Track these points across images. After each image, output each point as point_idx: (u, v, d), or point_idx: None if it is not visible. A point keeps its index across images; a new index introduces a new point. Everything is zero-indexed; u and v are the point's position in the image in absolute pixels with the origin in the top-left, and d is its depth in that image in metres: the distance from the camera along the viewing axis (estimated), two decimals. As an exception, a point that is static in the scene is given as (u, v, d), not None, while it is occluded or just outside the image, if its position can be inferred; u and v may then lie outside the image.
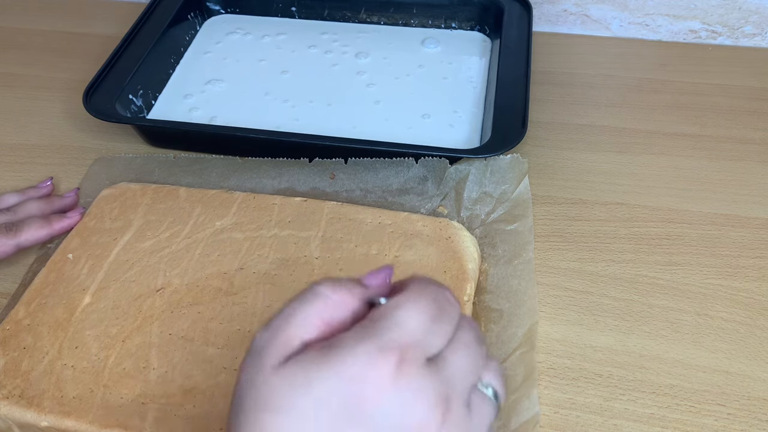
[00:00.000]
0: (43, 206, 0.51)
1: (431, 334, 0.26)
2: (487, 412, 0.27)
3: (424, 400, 0.24)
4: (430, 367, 0.25)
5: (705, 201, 0.53)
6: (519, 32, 0.63)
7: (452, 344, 0.27)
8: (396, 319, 0.25)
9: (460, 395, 0.26)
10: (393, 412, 0.24)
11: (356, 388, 0.24)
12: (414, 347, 0.25)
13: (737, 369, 0.43)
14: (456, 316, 0.27)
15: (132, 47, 0.62)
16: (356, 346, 0.24)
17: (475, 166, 0.51)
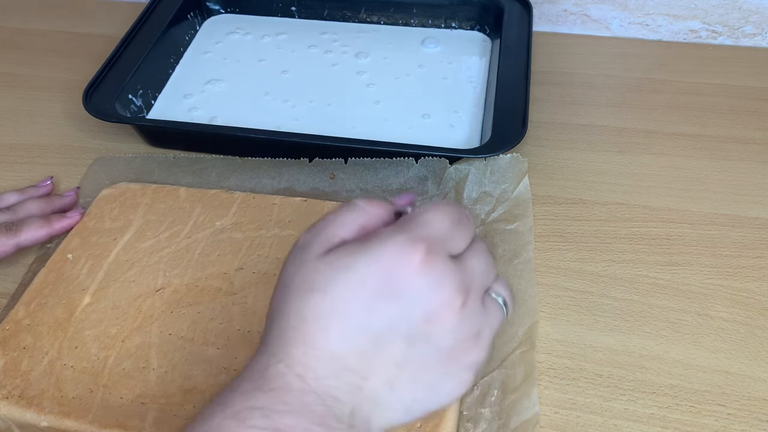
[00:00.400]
0: (43, 205, 0.51)
1: (453, 235, 0.30)
2: (497, 312, 0.32)
3: (447, 285, 0.28)
4: (453, 261, 0.29)
5: (705, 201, 0.53)
6: (519, 32, 0.63)
7: (469, 250, 0.31)
8: (423, 219, 0.30)
9: (477, 290, 0.30)
10: (421, 291, 0.28)
11: (391, 270, 0.28)
12: (439, 242, 0.29)
13: (737, 369, 0.43)
14: (473, 229, 0.32)
15: (132, 47, 0.62)
16: (391, 237, 0.29)
17: (475, 165, 0.51)
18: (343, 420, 0.28)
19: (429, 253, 0.28)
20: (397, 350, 0.29)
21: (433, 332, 0.29)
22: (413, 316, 0.28)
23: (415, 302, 0.28)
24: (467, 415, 0.40)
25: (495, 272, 0.33)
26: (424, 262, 0.28)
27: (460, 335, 0.29)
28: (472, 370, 0.31)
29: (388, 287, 0.28)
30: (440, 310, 0.28)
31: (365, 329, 0.28)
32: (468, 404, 0.41)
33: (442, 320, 0.29)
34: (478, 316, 0.30)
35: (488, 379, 0.41)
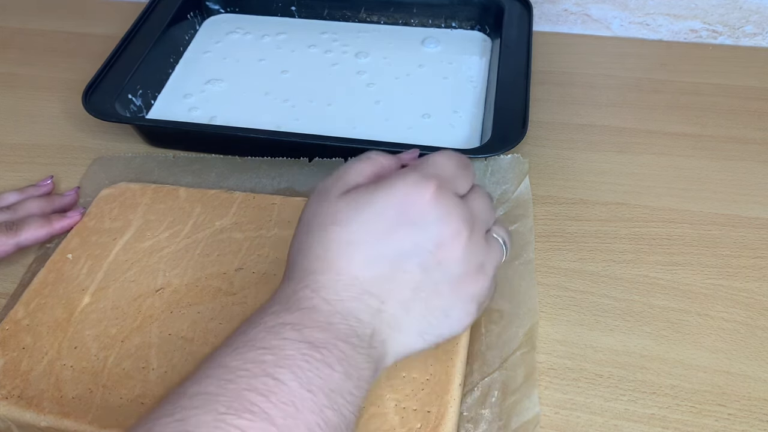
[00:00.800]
0: (43, 205, 0.51)
1: (458, 177, 0.34)
2: (497, 250, 0.35)
3: (455, 218, 0.32)
4: (460, 198, 0.33)
5: (705, 201, 0.53)
6: (519, 32, 0.63)
7: (472, 192, 0.35)
8: (433, 161, 0.34)
9: (480, 226, 0.34)
10: (433, 221, 0.31)
11: (405, 203, 0.31)
12: (447, 180, 0.33)
13: (738, 369, 0.43)
14: (473, 175, 0.36)
15: (131, 47, 0.62)
16: (405, 175, 0.32)
17: (475, 166, 0.51)
18: (364, 339, 0.31)
19: (439, 189, 0.32)
20: (412, 275, 0.32)
21: (443, 259, 0.32)
22: (426, 244, 0.32)
23: (427, 231, 0.31)
24: (467, 415, 0.40)
25: (494, 215, 0.36)
26: (435, 196, 0.31)
27: (467, 265, 0.33)
28: (477, 301, 0.34)
29: (404, 218, 0.31)
30: (449, 240, 0.32)
31: (384, 256, 0.31)
32: (468, 405, 0.41)
33: (452, 249, 0.32)
34: (482, 248, 0.34)
35: (489, 380, 0.41)
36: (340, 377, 0.29)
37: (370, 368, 0.31)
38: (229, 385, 0.27)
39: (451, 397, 0.39)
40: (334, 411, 0.28)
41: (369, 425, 0.38)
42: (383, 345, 0.32)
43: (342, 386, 0.29)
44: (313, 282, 0.31)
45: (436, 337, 0.34)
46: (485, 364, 0.42)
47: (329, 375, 0.29)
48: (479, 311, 0.35)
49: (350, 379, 0.29)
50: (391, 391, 0.39)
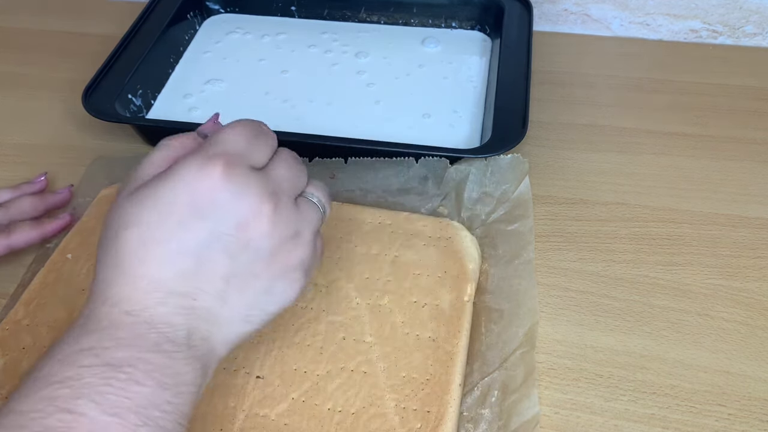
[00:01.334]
0: (36, 203, 0.51)
1: (251, 149, 0.32)
2: (313, 211, 0.34)
3: (253, 193, 0.30)
4: (257, 171, 0.31)
5: (705, 201, 0.53)
6: (519, 32, 0.63)
7: (273, 160, 0.33)
8: (219, 138, 0.32)
9: (286, 194, 0.32)
10: (227, 203, 0.30)
11: (193, 190, 0.30)
12: (237, 155, 0.31)
13: (738, 369, 0.43)
14: (273, 142, 0.35)
15: (131, 47, 0.62)
16: (188, 160, 0.30)
17: (476, 166, 0.51)
18: (179, 342, 0.29)
19: (227, 167, 0.30)
20: (220, 264, 0.30)
21: (249, 240, 0.30)
22: (226, 229, 0.30)
23: (223, 215, 0.30)
24: (467, 415, 0.40)
25: (305, 177, 0.35)
26: (224, 175, 0.30)
27: (278, 238, 0.31)
28: (301, 269, 0.33)
29: (195, 206, 0.30)
30: (251, 218, 0.30)
31: (182, 251, 0.30)
32: (468, 405, 0.41)
33: (255, 227, 0.30)
34: (292, 217, 0.32)
35: (488, 380, 0.41)
36: (152, 390, 0.27)
37: (194, 370, 0.29)
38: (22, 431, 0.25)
39: (451, 397, 0.39)
40: (150, 427, 0.27)
41: (369, 425, 0.38)
42: (206, 342, 0.30)
43: (156, 399, 0.27)
44: (112, 295, 0.29)
45: (264, 315, 0.32)
46: (485, 363, 0.42)
47: (138, 392, 0.27)
48: (308, 276, 0.34)
49: (166, 389, 0.28)
50: (391, 391, 0.39)
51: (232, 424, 0.39)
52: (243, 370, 0.41)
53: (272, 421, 0.39)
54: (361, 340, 0.42)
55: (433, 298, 0.44)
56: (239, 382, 0.40)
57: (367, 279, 0.45)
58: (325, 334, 0.42)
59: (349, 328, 0.43)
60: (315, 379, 0.40)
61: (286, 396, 0.40)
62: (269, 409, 0.39)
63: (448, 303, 0.43)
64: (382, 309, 0.43)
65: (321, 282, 0.45)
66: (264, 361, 0.41)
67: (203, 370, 0.30)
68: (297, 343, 0.42)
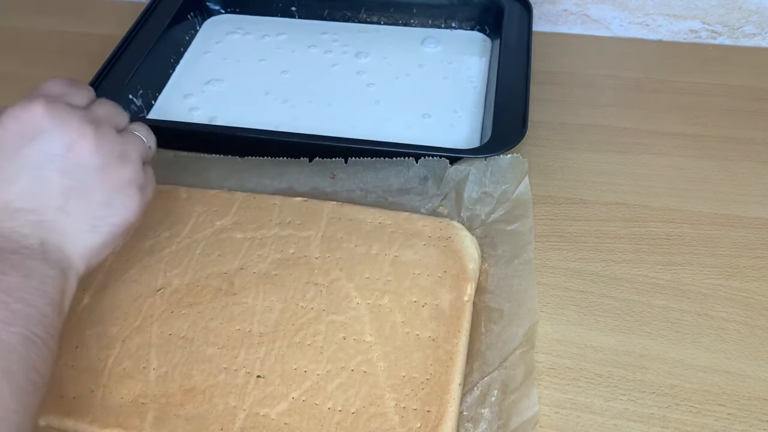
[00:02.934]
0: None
1: (69, 93, 0.38)
2: (137, 139, 0.40)
3: (74, 120, 0.36)
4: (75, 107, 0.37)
5: (705, 201, 0.53)
6: (519, 32, 0.63)
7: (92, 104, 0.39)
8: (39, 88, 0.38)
9: (106, 122, 0.38)
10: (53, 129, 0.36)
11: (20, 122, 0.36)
12: (56, 97, 0.37)
13: (737, 369, 0.43)
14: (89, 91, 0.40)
15: (132, 47, 0.62)
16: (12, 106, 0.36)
17: (476, 166, 0.51)
18: (35, 249, 0.35)
19: (48, 103, 0.36)
20: (55, 181, 0.36)
21: (78, 158, 0.36)
22: (54, 150, 0.36)
23: (50, 140, 0.35)
24: (467, 415, 0.40)
25: (126, 118, 0.40)
26: (46, 109, 0.36)
27: (105, 156, 0.37)
28: (134, 186, 0.38)
29: (24, 135, 0.35)
30: (76, 139, 0.36)
31: (19, 173, 0.35)
32: (468, 404, 0.41)
33: (82, 146, 0.36)
34: (116, 141, 0.38)
35: (488, 380, 0.41)
36: (19, 280, 0.33)
37: (56, 271, 0.35)
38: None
39: (450, 396, 0.39)
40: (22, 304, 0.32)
41: (369, 425, 0.38)
42: (60, 249, 0.35)
43: (23, 285, 0.33)
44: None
45: (110, 226, 0.37)
46: (485, 363, 0.42)
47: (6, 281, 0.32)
48: (144, 195, 0.39)
49: (31, 278, 0.33)
50: (391, 391, 0.40)
51: (233, 423, 0.39)
52: (243, 370, 0.41)
53: (272, 420, 0.39)
54: (362, 340, 0.42)
55: (433, 297, 0.44)
56: (240, 381, 0.41)
57: (367, 279, 0.45)
58: (326, 333, 0.42)
59: (349, 327, 0.43)
60: (315, 379, 0.40)
61: (287, 395, 0.40)
62: (269, 408, 0.39)
63: (448, 303, 0.43)
64: (382, 309, 0.43)
65: (321, 282, 0.45)
66: (264, 361, 0.41)
67: (63, 274, 0.35)
68: (297, 343, 0.42)
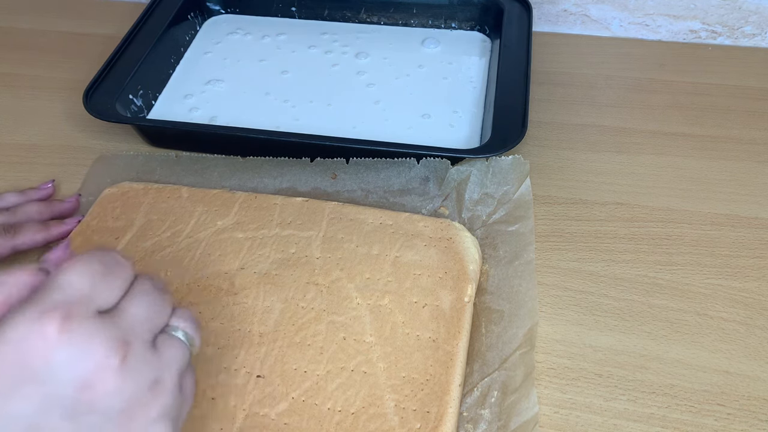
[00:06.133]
0: (42, 209, 0.51)
1: (98, 291, 0.28)
2: (177, 351, 0.30)
3: (97, 347, 0.26)
4: (103, 318, 0.27)
5: (705, 201, 0.53)
6: (519, 32, 0.63)
7: (127, 296, 0.29)
8: (58, 282, 0.27)
9: (141, 337, 0.28)
10: (65, 363, 0.26)
11: (24, 352, 0.26)
12: (79, 304, 0.27)
13: (737, 369, 0.43)
14: (128, 273, 0.30)
15: (132, 47, 0.62)
16: (17, 314, 0.26)
17: (477, 167, 0.51)
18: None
19: (66, 319, 0.26)
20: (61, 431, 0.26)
21: (94, 400, 0.26)
22: (64, 392, 0.26)
23: (61, 377, 0.26)
24: (467, 416, 0.40)
25: (168, 308, 0.30)
26: (62, 331, 0.26)
27: (130, 393, 0.27)
28: (165, 420, 0.28)
29: (25, 370, 0.26)
30: (94, 376, 0.26)
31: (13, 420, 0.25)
32: (468, 405, 0.41)
33: (100, 385, 0.26)
34: (148, 363, 0.28)
35: (488, 380, 0.41)
36: None
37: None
38: None
39: (450, 397, 0.39)
40: None
41: (369, 425, 0.38)
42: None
43: None
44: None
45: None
46: (485, 364, 0.42)
47: None
48: (177, 424, 0.29)
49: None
50: (390, 392, 0.40)
51: (232, 423, 0.39)
52: (243, 370, 0.41)
53: (272, 420, 0.39)
54: (362, 340, 0.42)
55: (434, 298, 0.44)
56: (240, 381, 0.41)
57: (367, 279, 0.45)
58: (326, 334, 0.42)
59: (350, 328, 0.43)
60: (315, 379, 0.40)
61: (287, 395, 0.40)
62: (269, 408, 0.40)
63: (448, 303, 0.43)
64: (383, 309, 0.43)
65: (322, 282, 0.45)
66: (264, 361, 0.41)
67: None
68: (297, 343, 0.42)
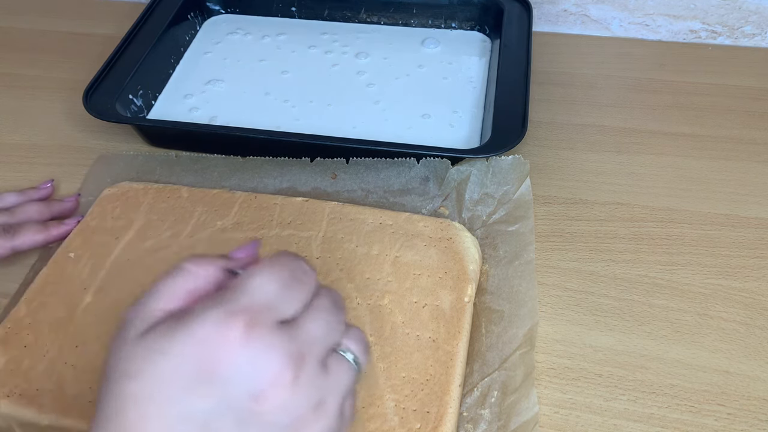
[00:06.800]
0: (42, 209, 0.51)
1: (283, 300, 0.28)
2: (345, 373, 0.29)
3: (275, 358, 0.26)
4: (282, 329, 0.27)
5: (705, 201, 0.53)
6: (519, 32, 0.63)
7: (308, 310, 0.29)
8: (247, 286, 0.27)
9: (315, 355, 0.28)
10: (244, 370, 0.26)
11: (207, 350, 0.26)
12: (264, 311, 0.27)
13: (737, 369, 0.43)
14: (312, 285, 0.30)
15: (132, 47, 0.62)
16: (206, 311, 0.26)
17: (477, 167, 0.51)
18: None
19: (250, 326, 0.26)
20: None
21: (264, 412, 0.26)
22: (238, 398, 0.26)
23: (238, 383, 0.26)
24: (467, 416, 0.40)
25: (341, 327, 0.30)
26: (245, 337, 0.26)
27: (296, 411, 0.27)
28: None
29: (207, 370, 0.26)
30: (268, 388, 0.26)
31: (187, 417, 0.26)
32: (468, 405, 0.41)
33: (272, 398, 0.26)
34: (317, 384, 0.28)
35: (488, 381, 0.41)
36: None
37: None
38: None
39: (450, 397, 0.39)
40: None
41: (369, 425, 0.38)
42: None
43: None
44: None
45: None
46: (485, 364, 0.42)
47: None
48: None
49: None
50: (390, 392, 0.40)
51: (233, 423, 0.39)
52: (244, 370, 0.41)
53: (273, 420, 0.39)
54: (362, 340, 0.42)
55: (434, 298, 0.44)
56: (240, 381, 0.41)
57: (367, 279, 0.45)
58: (326, 333, 0.42)
59: (350, 327, 0.43)
60: (316, 379, 0.40)
61: (287, 395, 0.40)
62: (270, 408, 0.39)
63: (448, 303, 0.43)
64: (383, 309, 0.43)
65: (322, 282, 0.45)
66: (265, 361, 0.41)
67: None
68: (298, 343, 0.42)
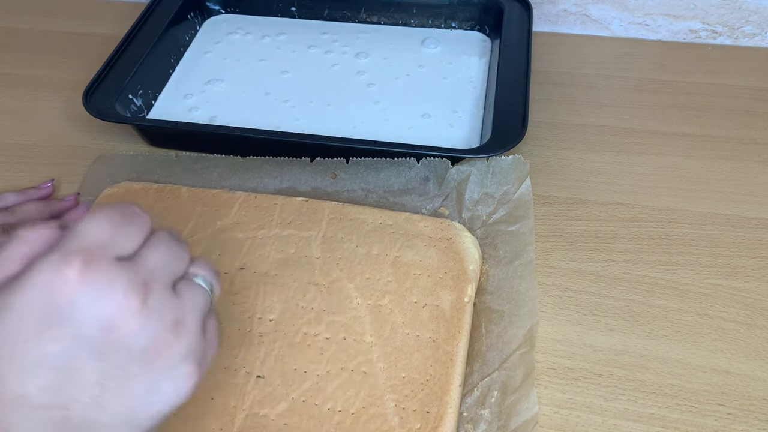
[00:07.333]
0: (42, 208, 0.51)
1: (117, 238, 0.29)
2: (197, 295, 0.31)
3: (117, 288, 0.27)
4: (122, 262, 0.28)
5: (705, 201, 0.53)
6: (519, 32, 0.63)
7: (145, 245, 0.30)
8: (77, 231, 0.28)
9: (161, 280, 0.29)
10: (88, 305, 0.27)
11: (48, 294, 0.26)
12: (98, 249, 0.28)
13: (737, 369, 0.43)
14: (146, 224, 0.31)
15: (132, 47, 0.62)
16: (42, 260, 0.27)
17: (477, 166, 0.51)
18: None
19: (86, 263, 0.27)
20: (90, 370, 0.27)
21: (118, 340, 0.27)
22: (90, 333, 0.27)
23: (85, 318, 0.27)
24: (467, 416, 0.40)
25: (186, 257, 0.32)
26: (82, 274, 0.27)
27: (152, 333, 0.28)
28: (189, 361, 0.29)
29: (51, 314, 0.26)
30: (117, 316, 0.27)
31: (43, 362, 0.26)
32: (468, 405, 0.41)
33: (123, 326, 0.27)
34: (169, 305, 0.29)
35: (488, 381, 0.41)
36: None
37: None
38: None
39: (450, 397, 0.39)
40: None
41: (369, 425, 0.38)
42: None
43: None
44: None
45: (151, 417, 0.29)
46: (485, 364, 0.42)
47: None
48: (202, 367, 0.30)
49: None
50: (390, 392, 0.40)
51: (232, 423, 0.39)
52: (243, 370, 0.41)
53: (272, 420, 0.39)
54: (362, 341, 0.42)
55: (434, 298, 0.44)
56: (239, 381, 0.41)
57: (367, 279, 0.45)
58: (326, 334, 0.42)
59: (350, 328, 0.43)
60: (315, 379, 0.40)
61: (286, 396, 0.40)
62: (269, 408, 0.40)
63: (448, 304, 0.43)
64: (383, 309, 0.43)
65: (322, 282, 0.45)
66: (264, 361, 0.41)
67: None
68: (297, 343, 0.42)
